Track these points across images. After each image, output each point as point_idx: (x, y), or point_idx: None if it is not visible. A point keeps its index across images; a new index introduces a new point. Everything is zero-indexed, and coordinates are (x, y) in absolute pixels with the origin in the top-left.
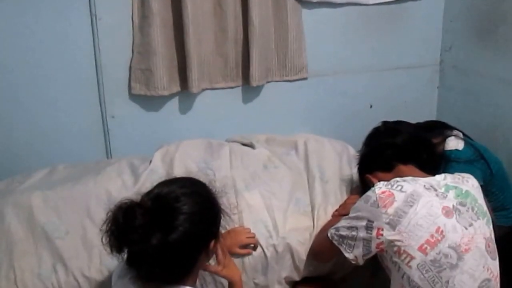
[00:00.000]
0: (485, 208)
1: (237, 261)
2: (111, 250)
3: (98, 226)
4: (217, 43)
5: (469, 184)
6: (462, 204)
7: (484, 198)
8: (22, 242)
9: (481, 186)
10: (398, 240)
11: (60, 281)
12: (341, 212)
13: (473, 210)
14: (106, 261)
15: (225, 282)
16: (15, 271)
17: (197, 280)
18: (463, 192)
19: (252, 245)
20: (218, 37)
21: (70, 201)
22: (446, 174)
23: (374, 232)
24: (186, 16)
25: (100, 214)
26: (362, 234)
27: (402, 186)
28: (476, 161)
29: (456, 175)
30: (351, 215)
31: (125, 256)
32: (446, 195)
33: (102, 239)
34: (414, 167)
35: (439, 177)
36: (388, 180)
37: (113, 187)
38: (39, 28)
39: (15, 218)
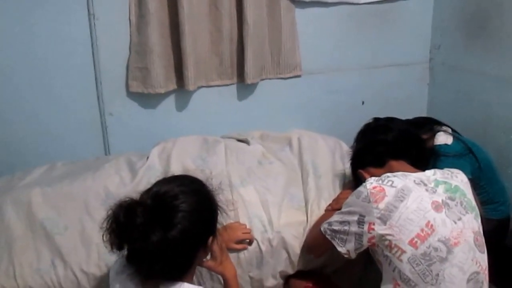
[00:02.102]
0: (473, 202)
1: (232, 255)
2: (112, 248)
3: (96, 222)
4: (212, 42)
5: (458, 179)
6: (451, 198)
7: (473, 193)
8: (21, 238)
9: (470, 179)
10: (389, 235)
11: (59, 276)
12: (334, 207)
13: (461, 204)
14: (104, 257)
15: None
16: (15, 266)
17: (194, 276)
18: (452, 187)
19: (248, 240)
20: (214, 36)
21: (69, 197)
22: (436, 170)
23: (366, 227)
24: (182, 16)
25: (99, 210)
26: (354, 228)
27: (392, 182)
28: (465, 155)
29: (446, 170)
30: (343, 210)
31: (125, 253)
32: (436, 190)
33: (103, 236)
34: (405, 162)
35: (429, 173)
36: (379, 176)
37: (111, 184)
38: (39, 28)
39: (14, 214)
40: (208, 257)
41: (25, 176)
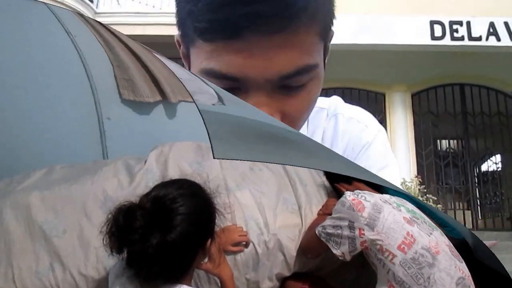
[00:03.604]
0: (433, 224)
1: (229, 258)
2: (111, 251)
3: (95, 225)
4: None
5: (411, 205)
6: (415, 217)
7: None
8: (20, 241)
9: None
10: (379, 240)
11: (57, 279)
12: (325, 212)
13: (426, 223)
14: (102, 260)
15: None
16: (13, 269)
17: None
18: (410, 210)
19: (244, 242)
20: None
21: (68, 200)
22: (390, 196)
23: (357, 232)
24: None
25: (97, 213)
26: (346, 232)
27: (365, 197)
28: None
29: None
30: (334, 215)
31: (124, 256)
32: (400, 209)
33: (103, 240)
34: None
35: (387, 196)
36: (352, 191)
37: (109, 187)
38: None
39: (13, 217)
40: (206, 259)
41: (23, 180)
